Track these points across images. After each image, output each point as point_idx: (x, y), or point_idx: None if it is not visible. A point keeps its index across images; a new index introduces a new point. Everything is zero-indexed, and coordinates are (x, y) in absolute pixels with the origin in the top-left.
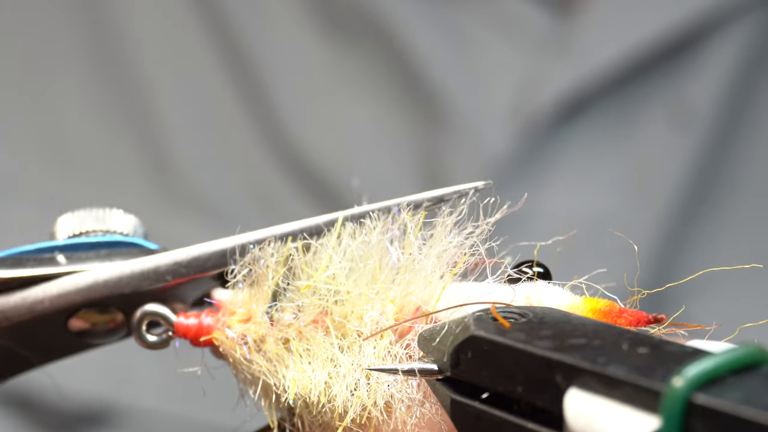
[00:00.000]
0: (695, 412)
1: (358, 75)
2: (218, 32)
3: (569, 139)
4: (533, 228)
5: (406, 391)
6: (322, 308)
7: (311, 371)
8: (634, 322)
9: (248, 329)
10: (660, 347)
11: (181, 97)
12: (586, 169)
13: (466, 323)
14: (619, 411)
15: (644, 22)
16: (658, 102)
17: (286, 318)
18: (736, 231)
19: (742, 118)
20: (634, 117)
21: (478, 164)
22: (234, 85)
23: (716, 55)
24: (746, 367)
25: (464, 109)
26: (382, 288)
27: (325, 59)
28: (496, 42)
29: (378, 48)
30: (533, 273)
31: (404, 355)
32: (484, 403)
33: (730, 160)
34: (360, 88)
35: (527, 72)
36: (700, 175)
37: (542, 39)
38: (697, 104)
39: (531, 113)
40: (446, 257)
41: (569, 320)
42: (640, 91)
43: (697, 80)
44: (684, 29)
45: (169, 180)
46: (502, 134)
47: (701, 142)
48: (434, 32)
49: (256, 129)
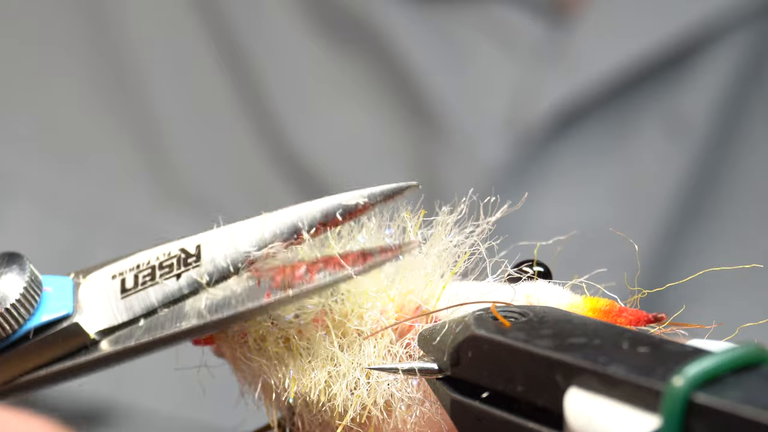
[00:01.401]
0: (695, 412)
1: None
2: (217, 36)
3: (565, 149)
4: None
5: (406, 390)
6: (322, 307)
7: (311, 370)
8: (634, 321)
9: (248, 328)
10: (660, 346)
11: (180, 98)
12: (582, 179)
13: (467, 322)
14: (619, 410)
15: (639, 33)
16: (653, 112)
17: (286, 317)
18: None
19: (736, 129)
20: (630, 127)
21: (474, 174)
22: (232, 87)
23: (711, 66)
24: (746, 367)
25: (459, 119)
26: (382, 287)
27: (323, 65)
28: (491, 52)
29: (373, 57)
30: (533, 272)
31: (404, 354)
32: (484, 402)
33: (725, 170)
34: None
35: (523, 82)
36: (696, 185)
37: (538, 49)
38: (692, 115)
39: (526, 123)
40: (446, 256)
41: (570, 319)
42: (635, 102)
43: (692, 91)
44: (679, 40)
45: (166, 179)
46: (497, 144)
47: (696, 152)
48: (429, 42)
49: (254, 131)
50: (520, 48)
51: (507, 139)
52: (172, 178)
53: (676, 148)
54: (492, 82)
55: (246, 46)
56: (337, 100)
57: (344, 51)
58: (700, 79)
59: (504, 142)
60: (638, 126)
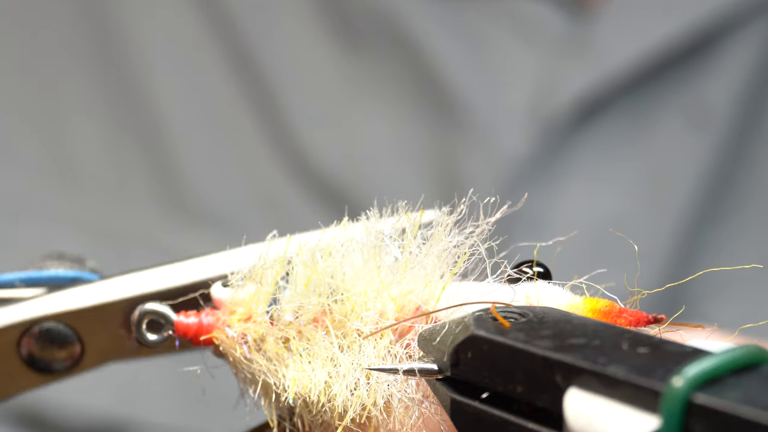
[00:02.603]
0: (695, 412)
1: (372, 80)
2: (229, 44)
3: (587, 140)
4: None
5: (406, 390)
6: (322, 307)
7: (311, 370)
8: (634, 322)
9: (248, 328)
10: (660, 347)
11: (192, 109)
12: (603, 171)
13: (466, 323)
14: (619, 411)
15: (661, 23)
16: (675, 103)
17: (286, 317)
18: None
19: (759, 119)
20: (652, 118)
21: (496, 167)
22: (245, 92)
23: (733, 55)
24: (746, 367)
25: (481, 113)
26: (383, 287)
27: (339, 65)
28: (512, 44)
29: (392, 52)
30: (533, 273)
31: (404, 354)
32: (484, 402)
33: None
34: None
35: (544, 74)
36: (718, 176)
37: (559, 41)
38: (714, 105)
39: (548, 115)
40: (446, 256)
41: (569, 320)
42: (657, 93)
43: (714, 81)
44: (701, 30)
45: (178, 192)
46: (519, 137)
47: (719, 143)
48: (449, 35)
49: (269, 138)
50: (541, 40)
51: (529, 131)
52: (183, 191)
53: (698, 139)
54: (514, 74)
55: (259, 52)
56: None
57: (363, 49)
58: (722, 70)
59: (526, 134)
60: (660, 116)
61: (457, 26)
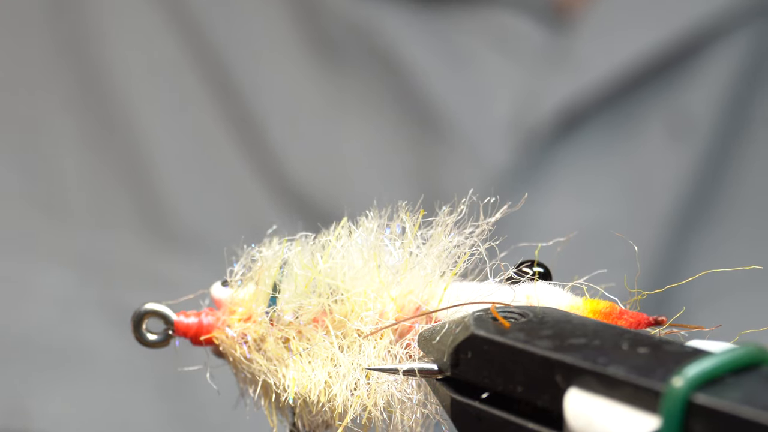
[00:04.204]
0: (695, 412)
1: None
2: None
3: (569, 152)
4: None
5: (406, 390)
6: (322, 307)
7: (311, 370)
8: (635, 323)
9: (248, 328)
10: (660, 347)
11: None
12: (586, 182)
13: (466, 323)
14: (619, 411)
15: (641, 34)
16: (656, 113)
17: (286, 317)
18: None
19: (740, 129)
20: (633, 129)
21: (478, 179)
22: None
23: (714, 66)
24: (746, 367)
25: (463, 124)
26: (383, 287)
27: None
28: (492, 57)
29: (373, 67)
30: (533, 273)
31: (404, 354)
32: (484, 403)
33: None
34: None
35: (525, 86)
36: (700, 185)
37: (539, 53)
38: (695, 115)
39: (530, 127)
40: (446, 257)
41: (569, 320)
42: (638, 103)
43: (695, 91)
44: (681, 41)
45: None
46: (501, 148)
47: (700, 152)
48: (430, 48)
49: (251, 160)
50: (521, 53)
51: (511, 142)
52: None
53: (680, 148)
54: (495, 86)
55: (240, 74)
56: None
57: (343, 65)
58: (703, 79)
59: (508, 145)
60: (641, 126)
61: (437, 40)
